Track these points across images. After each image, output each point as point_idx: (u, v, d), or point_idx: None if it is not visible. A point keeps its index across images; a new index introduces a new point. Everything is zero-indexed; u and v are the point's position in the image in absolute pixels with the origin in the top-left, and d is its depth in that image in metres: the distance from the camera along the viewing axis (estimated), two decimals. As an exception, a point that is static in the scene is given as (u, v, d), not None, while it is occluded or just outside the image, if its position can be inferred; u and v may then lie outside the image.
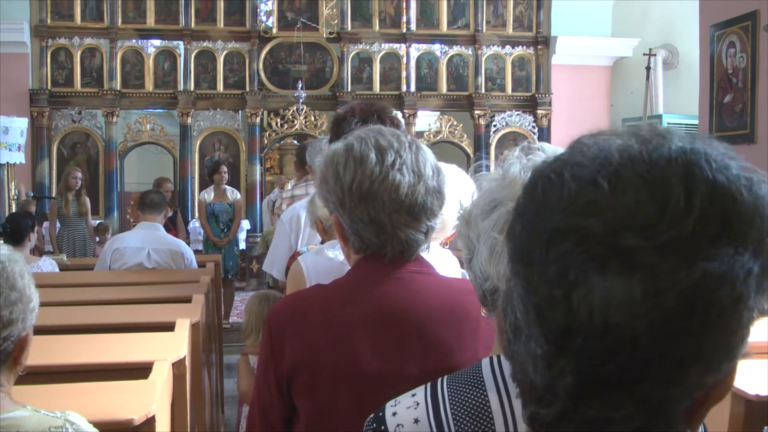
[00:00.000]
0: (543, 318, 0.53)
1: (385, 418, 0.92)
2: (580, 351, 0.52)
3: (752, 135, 6.31)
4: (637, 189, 0.52)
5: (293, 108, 9.58)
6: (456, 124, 10.01)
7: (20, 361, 1.31)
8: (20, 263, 1.29)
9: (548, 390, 0.55)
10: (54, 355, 2.19)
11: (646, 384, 0.52)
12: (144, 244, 4.31)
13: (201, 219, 7.34)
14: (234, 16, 9.73)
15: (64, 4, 9.40)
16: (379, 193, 1.28)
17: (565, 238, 0.52)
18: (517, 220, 0.58)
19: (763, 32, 6.03)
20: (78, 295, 3.51)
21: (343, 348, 1.26)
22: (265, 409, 1.33)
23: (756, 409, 1.80)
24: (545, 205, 0.55)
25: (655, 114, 9.73)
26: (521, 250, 0.56)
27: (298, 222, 3.42)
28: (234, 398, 5.14)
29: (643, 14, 10.37)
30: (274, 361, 1.29)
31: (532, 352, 0.55)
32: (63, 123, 9.50)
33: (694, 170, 0.53)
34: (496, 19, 10.13)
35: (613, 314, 0.50)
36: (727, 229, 0.52)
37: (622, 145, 0.55)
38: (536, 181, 0.57)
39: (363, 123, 1.65)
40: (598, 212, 0.52)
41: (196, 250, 6.79)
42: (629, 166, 0.53)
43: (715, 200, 0.52)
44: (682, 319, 0.51)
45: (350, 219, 1.31)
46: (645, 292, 0.50)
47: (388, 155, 1.30)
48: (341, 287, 1.34)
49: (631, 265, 0.50)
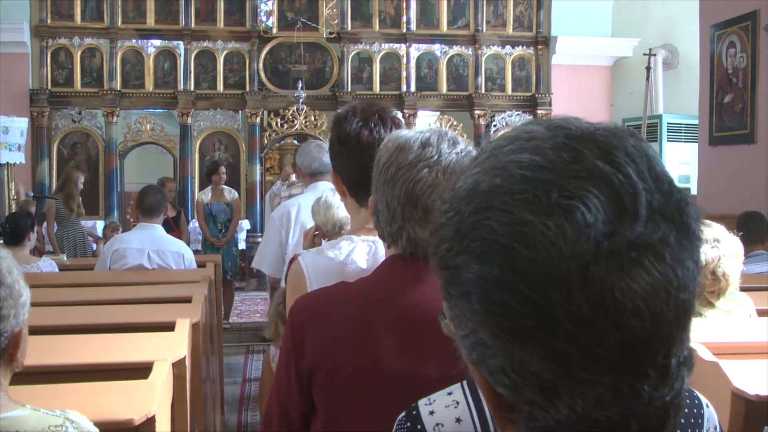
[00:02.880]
0: (596, 356, 0.52)
1: (421, 417, 0.88)
2: (639, 360, 0.53)
3: (752, 135, 6.30)
4: (589, 190, 0.54)
5: (293, 108, 9.58)
6: (456, 124, 10.01)
7: (16, 357, 1.30)
8: (8, 259, 1.29)
9: (627, 414, 0.55)
10: (54, 355, 2.19)
11: (682, 344, 0.56)
12: (144, 245, 4.30)
13: (199, 219, 7.34)
14: (234, 16, 9.73)
15: (64, 4, 9.40)
16: (399, 182, 1.29)
17: (583, 270, 0.52)
18: (503, 291, 0.54)
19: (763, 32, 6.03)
20: (78, 295, 3.51)
21: (364, 347, 1.25)
22: (284, 404, 1.32)
23: (756, 409, 1.80)
24: (538, 256, 0.52)
25: (655, 114, 9.73)
26: (536, 314, 0.53)
27: (288, 218, 3.48)
28: (234, 398, 5.14)
29: (643, 14, 10.37)
30: (295, 356, 1.29)
31: (591, 396, 0.53)
32: (63, 123, 9.50)
33: (603, 147, 0.56)
34: (496, 19, 10.13)
35: (659, 303, 0.52)
36: (657, 174, 0.56)
37: (528, 164, 0.56)
38: (498, 242, 0.54)
39: (364, 123, 1.64)
40: (588, 229, 0.52)
41: (195, 250, 6.79)
42: (561, 175, 0.54)
43: (635, 160, 0.55)
44: (695, 268, 0.55)
45: (375, 198, 1.35)
46: (671, 265, 0.53)
47: (428, 150, 1.30)
48: (365, 286, 1.33)
49: (646, 251, 0.52)
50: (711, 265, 2.66)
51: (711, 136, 6.87)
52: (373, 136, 1.62)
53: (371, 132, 1.63)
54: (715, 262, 2.66)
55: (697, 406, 0.84)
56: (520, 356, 0.54)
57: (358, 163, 1.61)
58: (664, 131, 9.57)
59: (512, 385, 0.56)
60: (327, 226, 2.74)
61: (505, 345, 0.55)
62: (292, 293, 1.67)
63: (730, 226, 2.83)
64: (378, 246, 1.64)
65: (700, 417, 0.84)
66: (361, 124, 1.64)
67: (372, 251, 1.64)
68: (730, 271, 2.68)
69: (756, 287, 3.28)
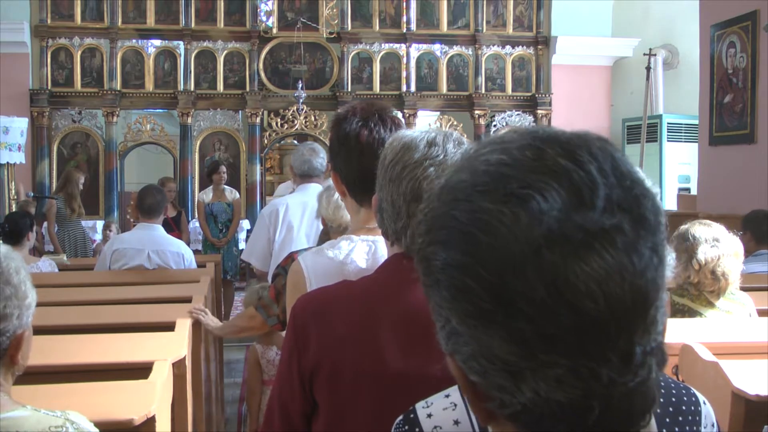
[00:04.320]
0: (552, 337, 0.54)
1: (418, 419, 0.88)
2: (597, 341, 0.54)
3: (752, 135, 6.30)
4: (548, 183, 0.55)
5: (293, 108, 9.58)
6: (456, 124, 10.01)
7: (17, 360, 1.30)
8: (17, 260, 1.29)
9: (588, 395, 0.56)
10: (54, 355, 2.19)
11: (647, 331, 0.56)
12: (144, 246, 4.30)
13: (200, 219, 7.34)
14: (234, 16, 9.73)
15: (64, 4, 9.40)
16: (405, 179, 1.30)
17: (537, 254, 0.54)
18: (464, 275, 0.56)
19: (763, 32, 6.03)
20: (78, 295, 3.51)
21: (367, 346, 1.25)
22: (285, 402, 1.31)
23: (756, 409, 1.80)
24: (496, 241, 0.55)
25: (655, 114, 9.73)
26: (494, 297, 0.55)
27: (276, 216, 3.71)
28: (234, 398, 5.14)
29: (643, 14, 10.37)
30: (297, 354, 1.29)
31: (552, 378, 0.55)
32: (63, 123, 9.50)
33: (565, 146, 0.58)
34: (496, 19, 10.13)
35: (613, 287, 0.53)
36: (618, 170, 0.57)
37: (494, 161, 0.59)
38: (460, 229, 0.57)
39: (364, 123, 1.64)
40: (542, 217, 0.54)
41: (196, 250, 6.79)
42: (522, 169, 0.57)
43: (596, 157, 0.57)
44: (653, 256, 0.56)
45: (379, 196, 1.36)
46: (624, 251, 0.54)
47: (434, 150, 1.32)
48: (368, 285, 1.34)
49: (600, 237, 0.53)
50: (710, 264, 2.66)
51: (711, 136, 6.87)
52: (373, 135, 1.61)
53: (371, 132, 1.62)
54: (714, 261, 2.66)
55: (694, 403, 0.84)
56: (485, 340, 0.57)
57: (357, 162, 1.60)
58: (664, 131, 9.57)
59: (482, 371, 0.59)
60: (333, 224, 2.75)
61: (471, 330, 0.57)
62: (291, 293, 1.67)
63: (730, 226, 2.83)
64: (378, 246, 1.63)
65: (698, 414, 0.84)
66: (361, 123, 1.63)
67: (372, 251, 1.64)
68: (729, 270, 2.68)
69: (756, 287, 3.28)
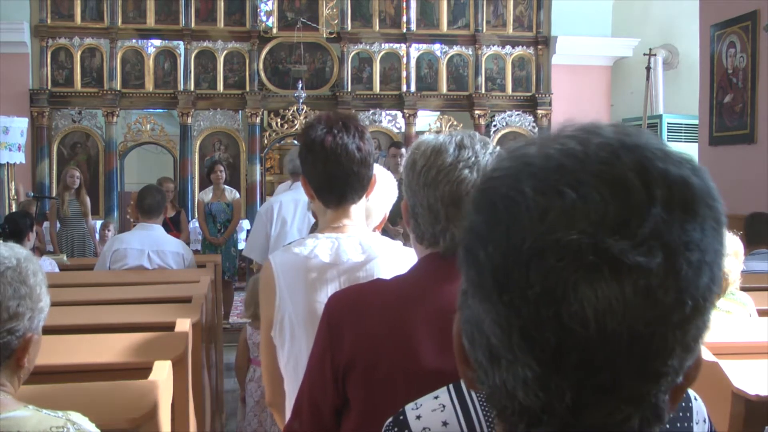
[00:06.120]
0: (531, 340, 0.51)
1: (408, 421, 0.89)
2: (577, 366, 0.51)
3: (752, 135, 6.30)
4: (600, 191, 0.51)
5: (293, 108, 9.57)
6: (456, 124, 10.01)
7: (23, 363, 1.31)
8: (35, 263, 1.32)
9: (545, 410, 0.53)
10: (54, 355, 2.19)
11: (641, 383, 0.52)
12: (144, 246, 4.30)
13: (199, 219, 7.35)
14: (234, 16, 9.73)
15: (64, 4, 9.40)
16: (441, 183, 1.31)
17: (546, 256, 0.50)
18: (479, 243, 0.55)
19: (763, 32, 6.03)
20: (78, 295, 3.51)
21: (402, 343, 1.27)
22: (316, 397, 1.33)
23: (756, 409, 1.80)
24: (514, 225, 0.52)
25: (655, 114, 9.74)
26: (495, 275, 0.53)
27: (271, 212, 4.11)
28: (234, 398, 5.14)
29: (643, 14, 10.37)
30: (331, 350, 1.30)
31: (521, 376, 0.53)
32: (63, 123, 9.50)
33: (644, 162, 0.52)
34: (496, 19, 10.13)
35: (609, 322, 0.50)
36: (690, 212, 0.52)
37: (565, 150, 0.54)
38: (493, 200, 0.55)
39: (328, 129, 1.73)
40: (572, 223, 0.50)
41: (195, 250, 6.79)
42: (584, 169, 0.52)
43: (672, 187, 0.52)
44: (675, 312, 0.51)
45: (413, 202, 1.37)
46: (637, 293, 0.49)
47: (465, 152, 1.34)
48: (403, 283, 1.36)
49: (619, 268, 0.49)
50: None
51: (711, 136, 6.87)
52: (336, 141, 1.70)
53: (334, 138, 1.71)
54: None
55: (685, 399, 0.84)
56: (479, 313, 0.56)
57: (323, 167, 1.71)
58: (664, 131, 9.57)
59: (470, 339, 0.58)
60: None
61: (470, 298, 0.57)
62: (263, 290, 1.74)
63: (729, 226, 2.83)
64: (341, 242, 1.72)
65: (689, 410, 0.84)
66: (326, 130, 1.72)
67: (335, 247, 1.71)
68: (729, 270, 2.68)
69: (756, 287, 3.28)
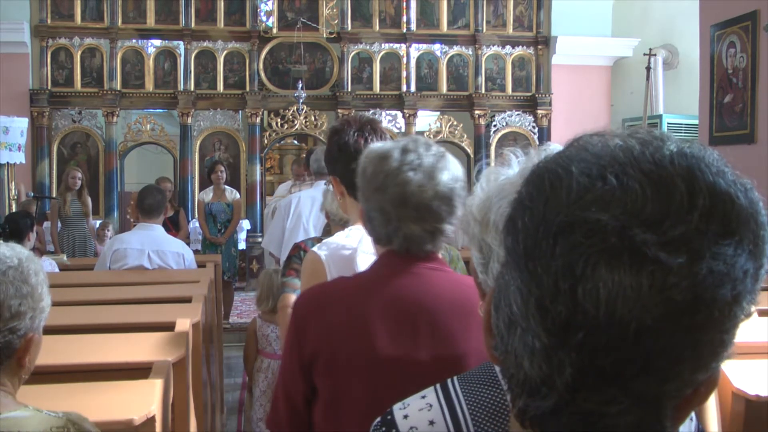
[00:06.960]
0: (545, 310, 0.53)
1: (395, 420, 0.90)
2: (582, 344, 0.52)
3: (752, 135, 6.30)
4: (643, 186, 0.53)
5: (293, 108, 9.57)
6: (456, 124, 10.00)
7: (24, 363, 1.31)
8: (37, 263, 1.35)
9: (545, 383, 0.55)
10: (54, 355, 2.19)
11: (642, 378, 0.53)
12: (144, 246, 4.30)
13: (199, 219, 7.37)
14: (234, 16, 9.72)
15: (64, 4, 9.39)
16: (389, 186, 1.44)
17: (574, 231, 0.53)
18: (520, 213, 0.58)
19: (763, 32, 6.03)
20: (78, 295, 3.51)
21: (360, 333, 1.39)
22: (289, 389, 1.46)
23: (756, 409, 1.81)
24: (553, 199, 0.55)
25: (655, 114, 9.73)
26: (525, 243, 0.56)
27: (289, 207, 4.41)
28: (234, 398, 5.14)
29: (643, 14, 10.37)
30: (298, 345, 1.42)
31: (530, 345, 0.55)
32: (63, 123, 9.50)
33: (695, 172, 0.55)
34: (496, 19, 10.13)
35: (620, 308, 0.51)
36: (728, 229, 0.53)
37: (624, 145, 0.57)
38: (542, 174, 0.58)
39: (360, 132, 1.93)
40: (607, 207, 0.52)
41: (195, 250, 6.80)
42: (634, 164, 0.55)
43: (715, 201, 0.54)
44: (686, 315, 0.52)
45: (366, 207, 1.51)
46: (653, 287, 0.51)
47: (409, 155, 1.46)
48: (362, 279, 1.49)
49: (640, 259, 0.51)
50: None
51: (711, 136, 6.87)
52: (368, 143, 1.87)
53: (366, 140, 1.92)
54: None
55: None
56: (508, 281, 0.58)
57: (355, 167, 1.84)
58: (665, 131, 9.56)
59: (497, 306, 0.61)
60: (335, 218, 2.91)
61: (504, 267, 0.60)
62: (311, 280, 1.81)
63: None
64: None
65: None
66: (358, 133, 1.93)
67: None
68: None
69: (756, 287, 3.27)
